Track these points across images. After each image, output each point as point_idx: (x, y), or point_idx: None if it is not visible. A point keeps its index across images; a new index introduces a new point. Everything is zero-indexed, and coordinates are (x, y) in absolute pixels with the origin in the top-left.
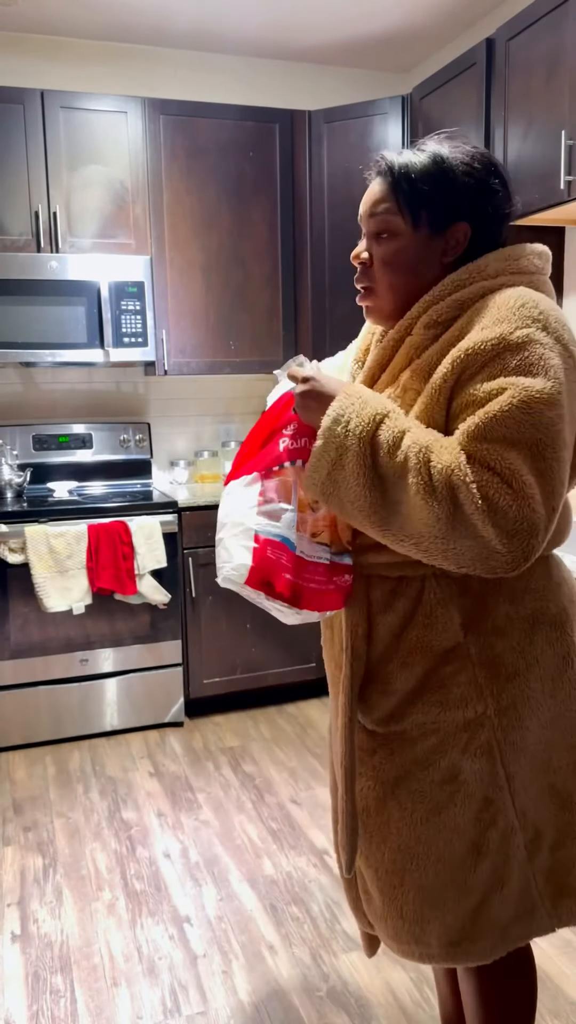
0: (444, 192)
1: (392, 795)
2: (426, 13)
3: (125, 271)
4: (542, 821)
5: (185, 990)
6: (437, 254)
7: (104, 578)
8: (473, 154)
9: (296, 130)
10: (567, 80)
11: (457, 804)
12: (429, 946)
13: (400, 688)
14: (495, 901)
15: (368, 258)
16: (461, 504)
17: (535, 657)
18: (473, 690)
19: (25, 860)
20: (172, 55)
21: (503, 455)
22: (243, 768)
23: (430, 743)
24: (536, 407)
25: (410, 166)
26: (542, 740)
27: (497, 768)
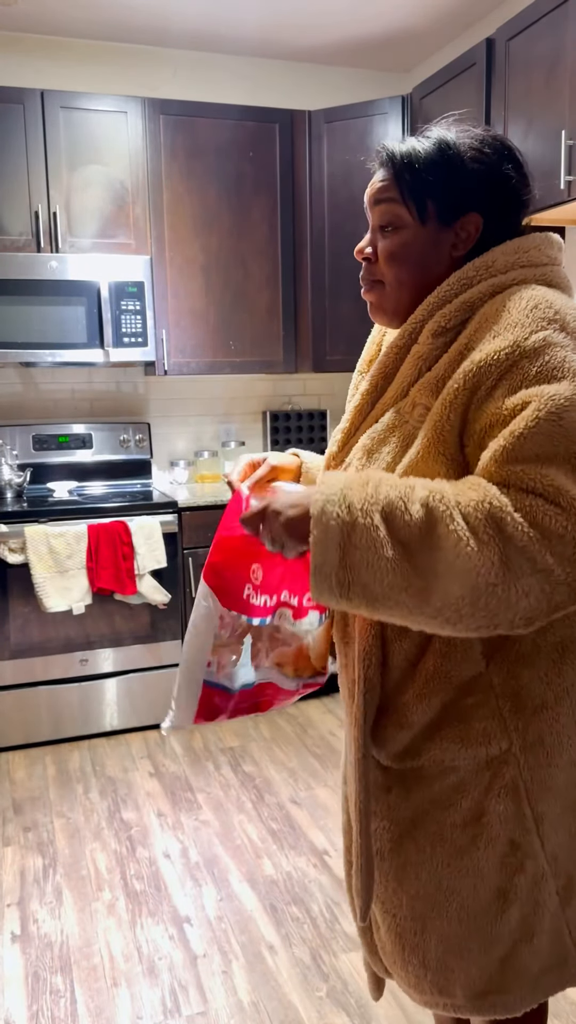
0: (451, 181)
1: (409, 836)
2: (426, 13)
3: (125, 271)
4: (574, 866)
5: (185, 990)
6: (447, 247)
7: (104, 578)
8: (483, 138)
9: (296, 130)
10: (567, 80)
11: (480, 848)
12: (454, 996)
13: (417, 721)
14: (524, 952)
15: (372, 252)
16: (510, 537)
17: (565, 688)
18: (497, 724)
19: (25, 860)
20: (172, 55)
21: (541, 473)
22: (243, 768)
23: (450, 781)
24: (567, 415)
25: (413, 155)
26: (573, 779)
27: (524, 809)
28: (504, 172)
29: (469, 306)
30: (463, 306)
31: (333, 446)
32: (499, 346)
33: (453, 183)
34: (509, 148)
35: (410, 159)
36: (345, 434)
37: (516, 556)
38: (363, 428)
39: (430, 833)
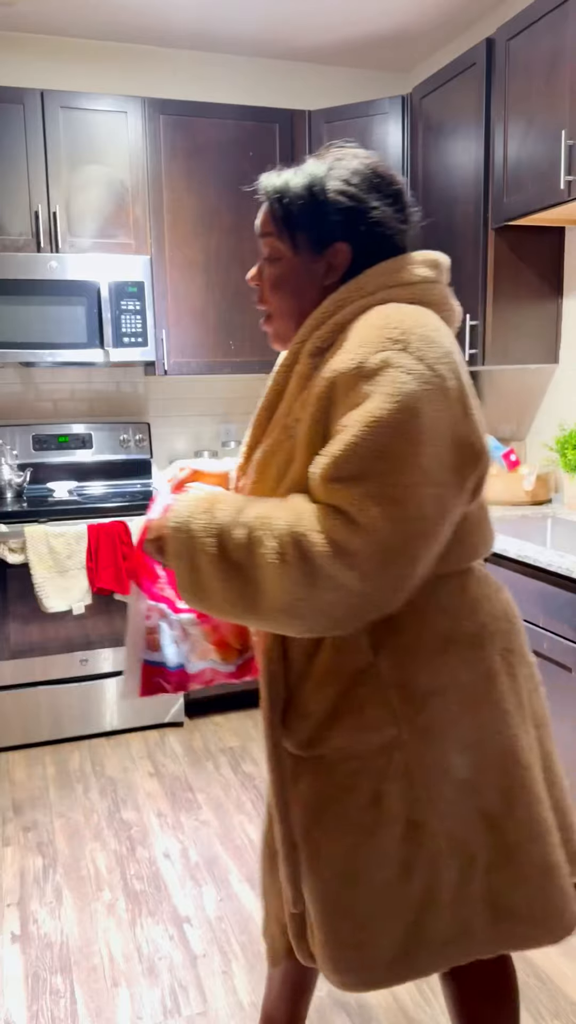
0: (316, 213)
1: (319, 822)
2: (426, 13)
3: (125, 271)
4: (474, 844)
5: (185, 990)
6: (319, 276)
7: (104, 578)
8: (355, 169)
9: (296, 130)
10: (567, 80)
11: (383, 827)
12: (372, 971)
13: (316, 711)
14: (428, 920)
15: (259, 280)
16: (311, 557)
17: (451, 677)
18: (386, 712)
19: (25, 860)
20: (172, 55)
21: (350, 492)
22: (243, 768)
23: (351, 767)
24: (381, 439)
25: (283, 189)
26: (467, 763)
27: (419, 791)
28: (368, 204)
29: (341, 326)
30: (335, 327)
31: (240, 459)
32: (347, 364)
33: (318, 216)
34: (381, 178)
35: (280, 194)
36: (248, 448)
37: (317, 574)
38: (261, 444)
39: (337, 816)
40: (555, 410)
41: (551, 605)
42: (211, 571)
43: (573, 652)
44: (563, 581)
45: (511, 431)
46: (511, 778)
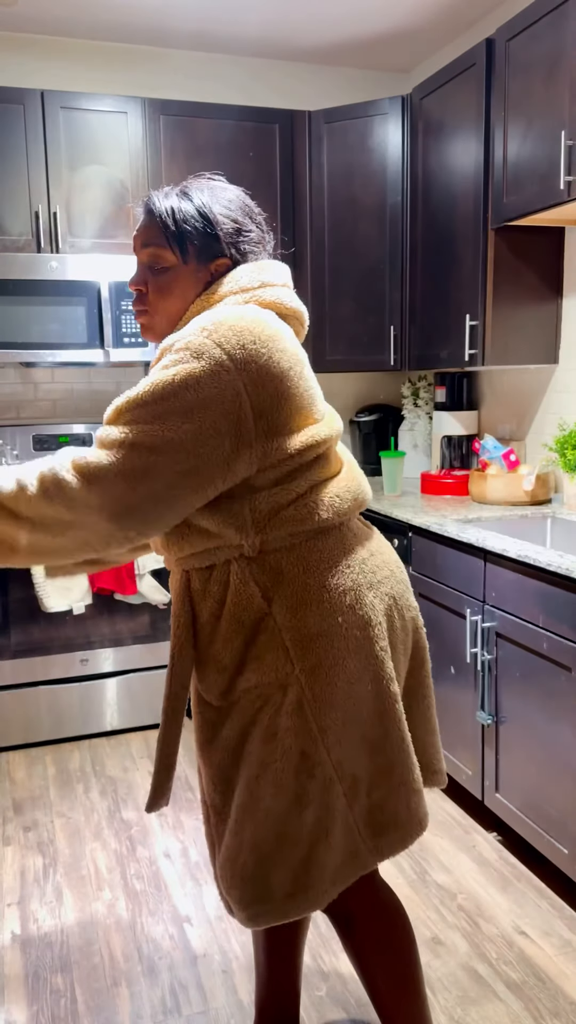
0: (205, 233)
1: (233, 760)
2: (426, 13)
3: (125, 271)
4: (358, 768)
5: (185, 990)
6: (203, 283)
7: (104, 578)
8: (231, 198)
9: (296, 130)
10: (567, 80)
11: (278, 760)
12: (271, 902)
13: (229, 663)
14: (322, 850)
15: (143, 286)
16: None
17: (335, 621)
18: (282, 654)
19: (25, 860)
20: (172, 55)
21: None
22: None
23: (256, 707)
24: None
25: (175, 209)
26: (351, 695)
27: (310, 724)
28: (246, 226)
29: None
30: (183, 326)
31: None
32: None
33: (208, 234)
34: (249, 207)
35: (172, 212)
36: None
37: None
38: None
39: (247, 753)
40: (555, 410)
41: (551, 605)
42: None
43: (573, 652)
44: (563, 581)
45: (511, 431)
46: (384, 705)
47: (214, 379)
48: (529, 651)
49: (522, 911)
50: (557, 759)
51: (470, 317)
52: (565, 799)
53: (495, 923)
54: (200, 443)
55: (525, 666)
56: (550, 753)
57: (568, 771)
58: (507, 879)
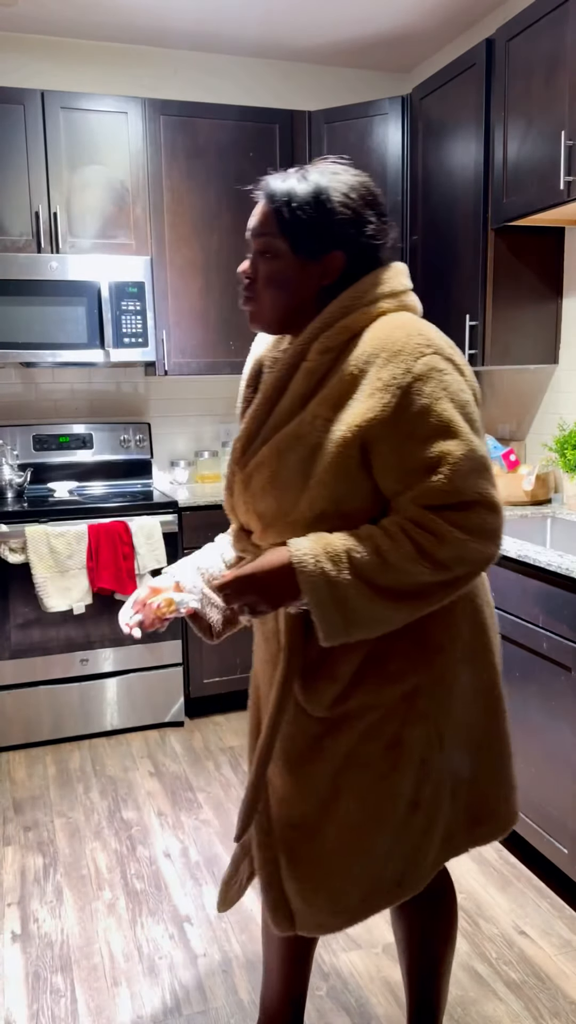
0: (321, 223)
1: (341, 772)
2: (426, 13)
3: (125, 271)
4: (464, 769)
5: (185, 990)
6: (315, 278)
7: (104, 578)
8: (353, 185)
9: (296, 130)
10: (567, 80)
11: (399, 769)
12: (376, 898)
13: (345, 673)
14: (427, 841)
15: (253, 273)
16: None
17: (457, 629)
18: (408, 664)
19: (25, 860)
20: (172, 55)
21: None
22: (243, 768)
23: (373, 717)
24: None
25: (292, 195)
26: (465, 702)
27: (431, 731)
28: (366, 219)
29: (349, 329)
30: (343, 329)
31: (235, 453)
32: (394, 372)
33: (323, 225)
34: (373, 195)
35: (288, 198)
36: (244, 442)
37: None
38: (261, 435)
39: (359, 764)
40: (555, 410)
41: (551, 605)
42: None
43: (573, 652)
44: (563, 581)
45: (511, 431)
46: (494, 708)
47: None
48: (529, 651)
49: (522, 911)
50: (557, 759)
51: (470, 317)
52: (565, 799)
53: (495, 923)
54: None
55: (525, 666)
56: (550, 753)
57: (568, 771)
58: (507, 879)
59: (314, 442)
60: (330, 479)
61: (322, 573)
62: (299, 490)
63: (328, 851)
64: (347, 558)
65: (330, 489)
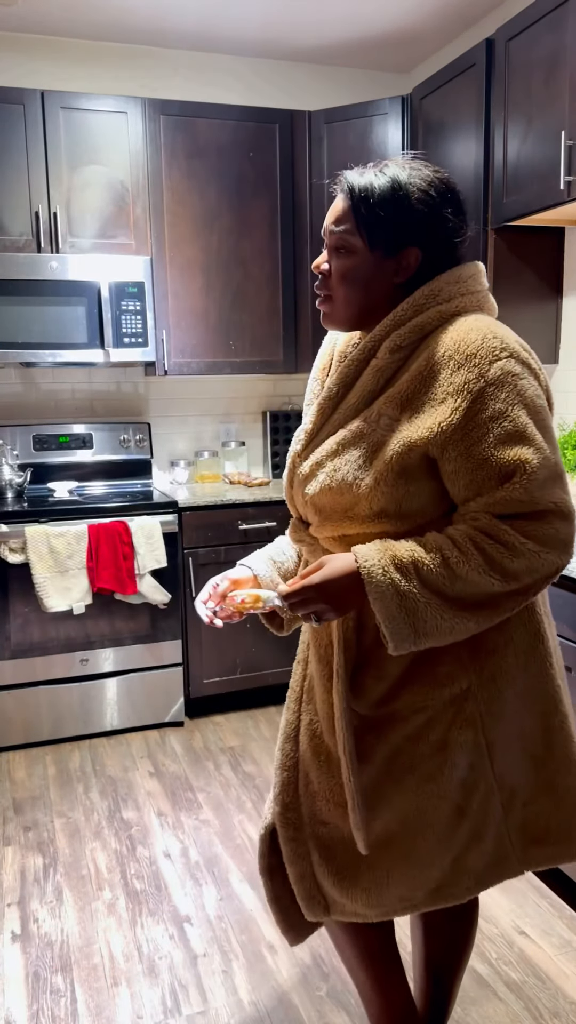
0: (398, 218)
1: (385, 772)
2: (426, 13)
3: (125, 271)
4: (516, 781)
5: (185, 990)
6: (389, 274)
7: (104, 578)
8: (431, 180)
9: (296, 130)
10: (567, 80)
11: (445, 773)
12: (413, 899)
13: (393, 671)
14: (474, 853)
15: (328, 269)
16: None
17: (510, 635)
18: (459, 667)
19: (25, 860)
20: (172, 55)
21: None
22: (243, 768)
23: (421, 719)
24: (547, 463)
25: (369, 189)
26: (516, 709)
27: (479, 737)
28: (444, 214)
29: (421, 328)
30: (416, 328)
31: (297, 445)
32: (467, 376)
33: (400, 220)
34: (452, 191)
35: (367, 193)
36: (309, 434)
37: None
38: (325, 429)
39: (403, 765)
40: (555, 410)
41: (551, 605)
42: (433, 618)
43: (573, 652)
44: (563, 581)
45: None
46: (551, 722)
47: (540, 396)
48: None
49: (522, 911)
50: None
51: None
52: None
53: (495, 923)
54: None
55: None
56: None
57: None
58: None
59: (378, 440)
60: (392, 479)
61: (391, 584)
62: (359, 487)
63: (369, 851)
64: (415, 569)
65: (391, 488)
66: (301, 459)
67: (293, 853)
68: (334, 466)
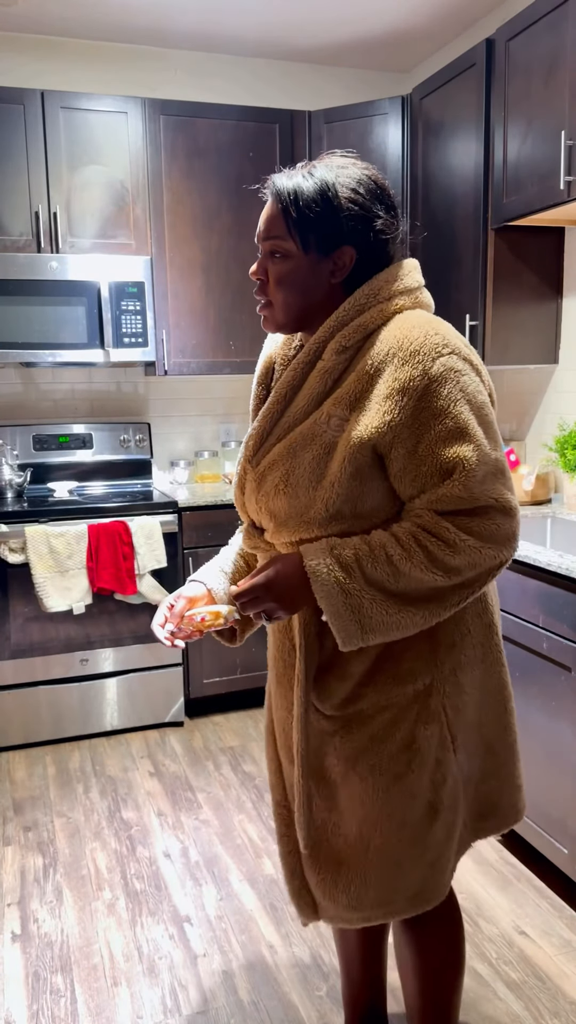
0: (328, 219)
1: (353, 770)
2: (426, 13)
3: (125, 271)
4: (473, 768)
5: (185, 990)
6: (325, 275)
7: (104, 578)
8: (360, 179)
9: (296, 130)
10: (567, 80)
11: (414, 770)
12: (393, 904)
13: (356, 671)
14: (448, 852)
15: (264, 275)
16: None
17: (467, 628)
18: (420, 663)
19: (25, 860)
20: (172, 55)
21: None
22: (243, 768)
23: (385, 718)
24: (486, 459)
25: (298, 192)
26: (475, 701)
27: (444, 731)
28: (374, 211)
29: (364, 328)
30: (359, 328)
31: (246, 451)
32: (411, 373)
33: (330, 221)
34: (382, 188)
35: (295, 196)
36: (256, 439)
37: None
38: (274, 433)
39: (371, 765)
40: (555, 410)
41: (551, 605)
42: (381, 611)
43: (573, 652)
44: (563, 581)
45: (511, 431)
46: (503, 709)
47: (481, 392)
48: (529, 651)
49: (522, 911)
50: (557, 759)
51: (470, 317)
52: (565, 799)
53: (495, 923)
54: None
55: (525, 666)
56: (550, 753)
57: (568, 771)
58: (507, 879)
59: (329, 441)
60: (346, 479)
61: (336, 582)
62: (313, 490)
63: (344, 850)
64: (358, 566)
65: (346, 489)
66: (252, 465)
67: (284, 849)
68: (286, 469)
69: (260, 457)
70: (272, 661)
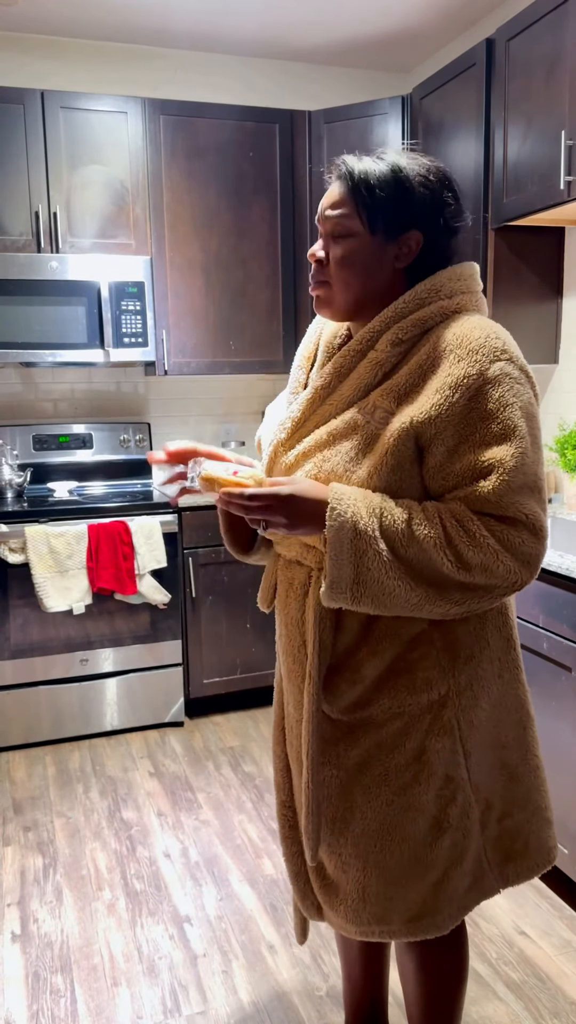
0: (400, 200)
1: (356, 781)
2: (426, 13)
3: (125, 271)
4: (492, 794)
5: (185, 990)
6: (390, 258)
7: (104, 578)
8: (429, 167)
9: (296, 130)
10: (567, 80)
11: (421, 783)
12: (391, 923)
13: (369, 675)
14: (455, 875)
15: (324, 256)
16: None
17: (486, 640)
18: (437, 672)
19: (25, 860)
20: (172, 55)
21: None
22: (243, 768)
23: (396, 726)
24: (526, 470)
25: (369, 173)
26: (492, 718)
27: (457, 745)
28: (445, 199)
29: (422, 323)
30: (417, 322)
31: (282, 433)
32: (467, 371)
33: (402, 203)
34: (450, 179)
35: (366, 176)
36: (295, 423)
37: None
38: (312, 420)
39: (376, 775)
40: (555, 410)
41: (551, 605)
42: (385, 572)
43: (573, 652)
44: (563, 581)
45: None
46: (524, 730)
47: (534, 404)
48: (529, 651)
49: (522, 911)
50: (557, 759)
51: None
52: (565, 799)
53: (495, 923)
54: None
55: (525, 666)
56: (550, 753)
57: (568, 771)
58: None
59: (371, 433)
60: (386, 472)
61: (352, 517)
62: (349, 479)
63: (345, 865)
64: (379, 514)
65: (384, 482)
66: (285, 448)
67: (288, 851)
68: (323, 456)
69: (295, 442)
70: (282, 656)
